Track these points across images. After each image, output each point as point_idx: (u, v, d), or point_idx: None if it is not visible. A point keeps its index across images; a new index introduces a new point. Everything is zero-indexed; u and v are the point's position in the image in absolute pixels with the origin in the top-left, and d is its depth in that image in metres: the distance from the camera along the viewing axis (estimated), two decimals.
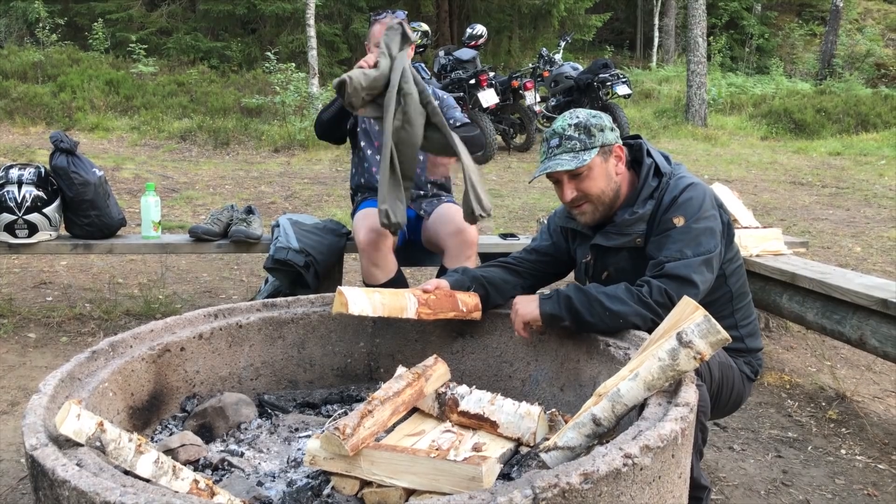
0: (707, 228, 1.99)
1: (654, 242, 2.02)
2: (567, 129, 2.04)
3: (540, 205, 7.03)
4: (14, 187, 3.47)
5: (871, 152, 10.25)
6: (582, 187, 2.05)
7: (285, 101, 10.65)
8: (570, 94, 10.22)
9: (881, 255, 5.42)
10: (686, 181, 2.05)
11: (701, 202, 2.01)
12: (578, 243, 2.26)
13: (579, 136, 2.03)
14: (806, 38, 19.69)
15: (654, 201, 2.04)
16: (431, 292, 2.09)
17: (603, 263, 2.15)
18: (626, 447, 1.28)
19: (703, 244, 1.97)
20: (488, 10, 16.19)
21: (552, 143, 2.06)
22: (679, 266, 1.94)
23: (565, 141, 2.04)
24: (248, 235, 3.60)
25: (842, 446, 2.68)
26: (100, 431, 1.35)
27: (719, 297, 2.11)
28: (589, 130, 2.03)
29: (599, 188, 2.06)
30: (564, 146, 2.04)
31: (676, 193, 2.02)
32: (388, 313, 2.00)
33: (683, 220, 1.99)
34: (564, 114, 2.11)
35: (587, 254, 2.19)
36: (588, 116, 2.07)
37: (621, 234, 2.08)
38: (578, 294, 1.96)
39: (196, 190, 7.47)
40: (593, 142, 2.03)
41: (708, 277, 1.98)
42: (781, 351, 3.66)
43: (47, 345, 3.58)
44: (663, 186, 2.05)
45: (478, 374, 2.23)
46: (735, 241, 2.18)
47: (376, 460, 1.51)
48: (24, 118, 10.03)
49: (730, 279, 2.13)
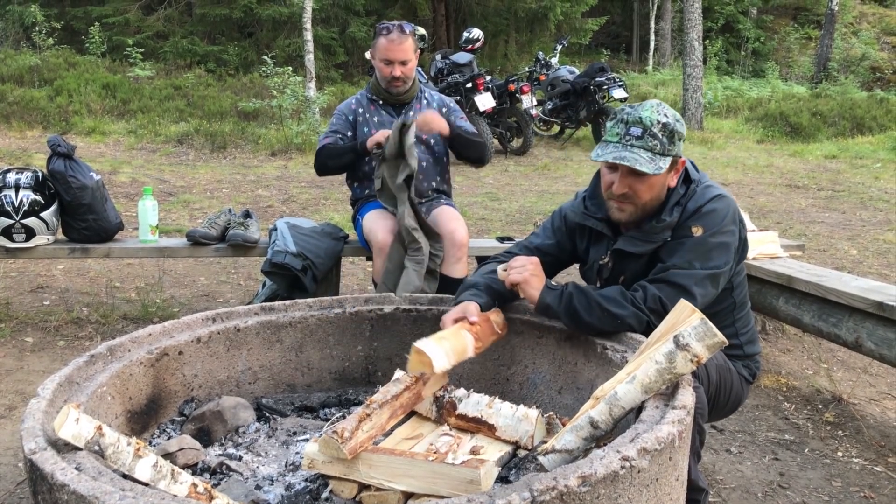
0: (722, 244, 1.96)
1: (668, 247, 1.99)
2: (654, 126, 1.91)
3: (537, 208, 7.04)
4: (11, 191, 3.47)
5: (866, 155, 10.28)
6: (636, 188, 1.95)
7: (282, 105, 10.65)
8: (566, 97, 10.25)
9: (877, 258, 5.43)
10: (713, 191, 2.00)
11: (724, 216, 1.97)
12: (593, 243, 2.19)
13: (663, 137, 1.91)
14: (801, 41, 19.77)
15: (680, 208, 1.99)
16: (478, 324, 1.99)
17: (621, 268, 2.09)
18: (623, 450, 1.29)
19: (713, 259, 1.94)
20: (485, 14, 16.22)
21: (633, 132, 1.92)
22: (681, 275, 1.92)
23: (648, 137, 1.91)
24: (245, 239, 3.60)
25: (838, 449, 2.69)
26: (98, 435, 1.35)
27: (723, 309, 2.10)
28: (672, 136, 1.93)
29: (652, 195, 1.98)
30: (646, 142, 1.91)
31: (702, 203, 1.97)
32: (457, 360, 1.88)
33: (702, 230, 1.95)
34: (652, 103, 1.96)
35: (603, 255, 2.13)
36: (675, 119, 1.95)
37: (647, 241, 2.01)
38: (578, 294, 1.95)
39: (193, 194, 7.47)
40: (672, 150, 1.93)
41: (710, 292, 1.96)
42: (778, 354, 3.67)
43: (45, 349, 3.58)
44: (690, 193, 2.00)
45: (475, 378, 2.24)
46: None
47: (374, 464, 1.51)
48: (21, 122, 10.02)
49: (735, 290, 2.12)
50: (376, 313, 2.31)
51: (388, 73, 3.35)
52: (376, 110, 3.48)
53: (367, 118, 3.46)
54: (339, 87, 13.55)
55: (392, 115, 3.46)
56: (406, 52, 3.33)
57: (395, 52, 3.31)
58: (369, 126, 3.44)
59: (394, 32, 3.31)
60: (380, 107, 3.48)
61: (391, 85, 3.39)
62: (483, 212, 6.88)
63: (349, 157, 3.39)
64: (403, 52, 3.32)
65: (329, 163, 3.43)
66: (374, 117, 3.46)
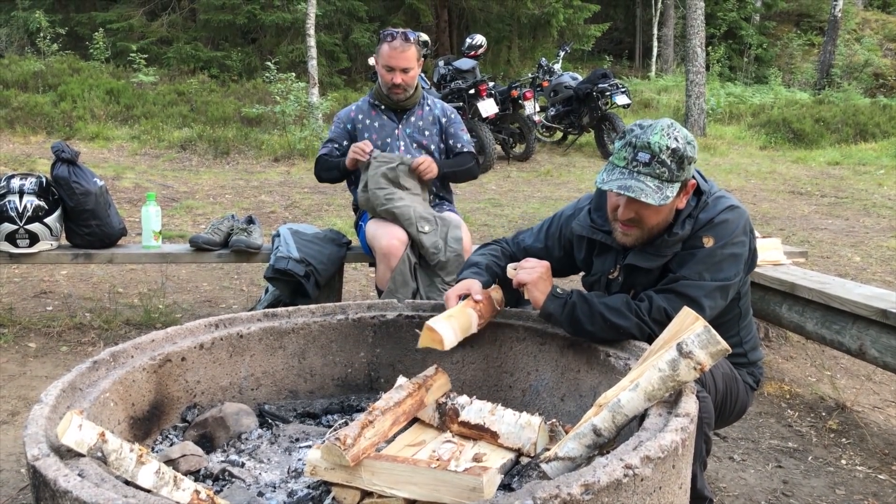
0: (732, 255, 1.95)
1: (679, 258, 1.97)
2: (663, 152, 1.84)
3: (539, 214, 7.04)
4: (15, 197, 3.48)
5: (869, 162, 10.27)
6: (642, 214, 1.92)
7: (285, 111, 10.67)
8: (569, 103, 10.26)
9: (880, 265, 5.42)
10: (726, 202, 1.98)
11: (735, 227, 1.95)
12: (597, 254, 2.16)
13: (671, 164, 1.84)
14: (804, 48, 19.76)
15: (691, 220, 1.97)
16: (482, 302, 2.07)
17: (632, 282, 2.07)
18: (626, 458, 1.28)
19: (723, 270, 1.93)
20: (488, 20, 16.24)
21: (640, 158, 1.85)
22: (691, 286, 1.91)
23: (656, 164, 1.84)
24: (248, 245, 3.61)
25: (842, 456, 2.68)
26: (101, 442, 1.35)
27: (730, 319, 2.10)
28: (682, 162, 1.86)
29: (658, 220, 1.95)
30: (654, 169, 1.84)
31: (714, 214, 1.95)
32: (462, 336, 2.01)
33: (713, 241, 1.93)
34: (663, 125, 1.87)
35: (612, 269, 2.11)
36: (686, 143, 1.87)
37: (659, 256, 1.99)
38: (582, 303, 1.95)
39: (196, 199, 7.48)
40: (681, 176, 1.87)
41: (719, 304, 1.96)
42: (781, 361, 3.66)
43: (47, 354, 3.58)
44: (701, 205, 1.98)
45: (478, 385, 2.24)
46: None
47: (377, 471, 1.51)
48: (25, 128, 10.05)
49: (741, 300, 2.11)
50: (379, 319, 2.31)
51: (389, 80, 3.37)
52: (377, 115, 3.49)
53: (367, 124, 3.48)
54: (342, 93, 13.58)
55: (393, 121, 3.47)
56: (408, 61, 3.35)
57: (398, 60, 3.33)
58: (369, 132, 3.46)
59: (397, 40, 3.33)
60: (381, 112, 3.50)
61: (392, 92, 3.41)
62: (486, 218, 6.89)
63: (337, 173, 3.49)
64: (406, 59, 3.34)
65: (323, 175, 3.54)
66: (375, 122, 3.48)
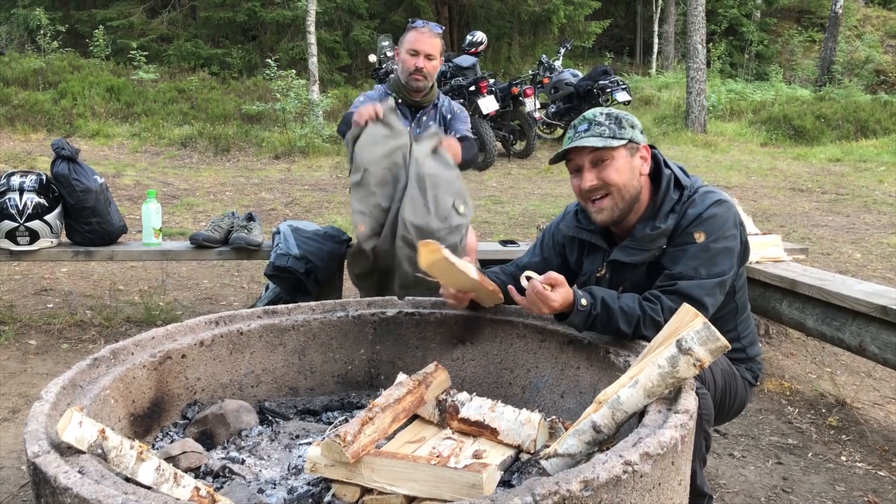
0: (725, 249, 1.95)
1: (671, 254, 1.97)
2: (598, 116, 2.00)
3: (540, 211, 7.04)
4: (16, 194, 3.48)
5: (870, 158, 10.26)
6: (604, 175, 1.98)
7: (286, 108, 10.68)
8: (569, 100, 10.25)
9: (881, 262, 5.42)
10: (714, 196, 1.99)
11: (725, 221, 1.96)
12: (587, 255, 2.19)
13: (609, 124, 1.98)
14: (805, 44, 19.73)
15: (675, 215, 1.98)
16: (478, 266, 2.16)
17: (619, 278, 2.08)
18: (626, 454, 1.29)
19: (718, 265, 1.94)
20: (488, 17, 16.23)
21: (580, 128, 2.00)
22: (692, 286, 1.91)
23: (595, 126, 1.98)
24: (248, 242, 3.61)
25: (842, 453, 2.68)
26: (101, 439, 1.35)
27: (727, 313, 2.10)
28: (620, 122, 1.99)
29: (623, 180, 1.98)
30: (593, 130, 1.98)
31: (703, 209, 1.96)
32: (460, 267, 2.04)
33: (704, 236, 1.94)
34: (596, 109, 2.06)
35: (600, 267, 2.13)
36: (621, 112, 2.03)
37: (642, 250, 2.00)
38: (602, 313, 1.90)
39: (197, 197, 7.48)
40: (623, 133, 1.98)
41: (719, 300, 1.97)
42: (781, 357, 3.66)
43: (48, 352, 3.58)
44: (685, 200, 1.99)
45: (478, 381, 2.24)
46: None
47: (377, 467, 1.51)
48: (26, 125, 10.05)
49: (737, 294, 2.11)
50: (379, 317, 2.31)
51: (411, 65, 3.32)
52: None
53: None
54: (343, 91, 13.57)
55: (407, 118, 3.43)
56: (434, 47, 3.34)
57: (423, 44, 3.32)
58: None
59: (426, 27, 3.35)
60: (397, 105, 3.47)
61: (412, 78, 3.35)
62: (486, 215, 6.89)
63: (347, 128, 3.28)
64: (431, 46, 3.34)
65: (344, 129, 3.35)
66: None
